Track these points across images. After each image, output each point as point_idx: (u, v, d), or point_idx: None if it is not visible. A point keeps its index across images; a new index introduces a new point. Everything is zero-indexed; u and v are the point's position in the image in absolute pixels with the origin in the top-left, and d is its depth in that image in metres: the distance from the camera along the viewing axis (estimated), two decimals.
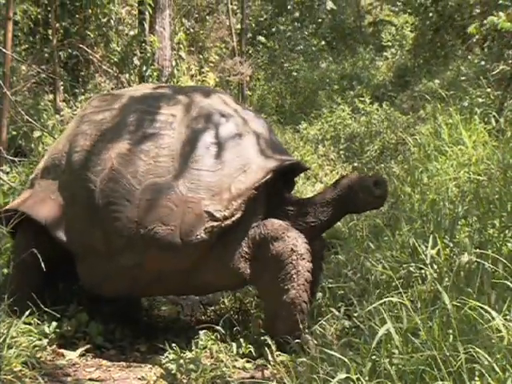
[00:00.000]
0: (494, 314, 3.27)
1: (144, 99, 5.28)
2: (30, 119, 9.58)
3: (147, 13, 12.58)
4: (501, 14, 8.74)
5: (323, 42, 21.77)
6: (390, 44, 20.37)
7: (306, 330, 4.65)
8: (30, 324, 4.76)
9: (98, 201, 4.88)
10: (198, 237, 4.76)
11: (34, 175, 5.38)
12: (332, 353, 3.78)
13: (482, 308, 3.33)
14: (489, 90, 9.67)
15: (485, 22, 9.85)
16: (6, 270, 5.59)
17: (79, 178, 5.00)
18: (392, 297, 3.90)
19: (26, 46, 13.03)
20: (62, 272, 5.47)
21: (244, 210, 4.84)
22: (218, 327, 4.89)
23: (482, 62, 10.96)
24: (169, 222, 4.75)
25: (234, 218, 4.80)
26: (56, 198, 5.07)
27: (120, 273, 4.95)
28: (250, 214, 4.91)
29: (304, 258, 4.79)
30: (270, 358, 4.60)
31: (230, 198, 4.81)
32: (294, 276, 4.74)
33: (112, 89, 12.91)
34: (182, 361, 4.42)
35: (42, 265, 4.78)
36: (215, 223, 4.77)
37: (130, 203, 4.81)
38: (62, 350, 4.84)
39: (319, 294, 5.44)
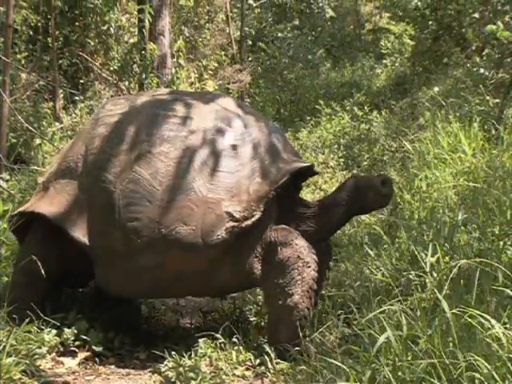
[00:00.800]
0: (493, 322, 3.27)
1: (159, 103, 5.34)
2: (30, 127, 9.60)
3: (147, 20, 12.61)
4: (499, 23, 8.78)
5: (322, 50, 21.79)
6: (389, 52, 20.41)
7: (307, 338, 4.65)
8: (29, 332, 4.76)
9: (117, 202, 4.90)
10: (219, 237, 4.80)
11: (47, 178, 5.35)
12: (332, 361, 3.78)
13: (481, 316, 3.33)
14: (488, 97, 9.69)
15: (484, 29, 9.88)
16: (6, 278, 5.59)
17: (98, 179, 5.01)
18: (392, 305, 3.90)
19: (26, 53, 13.06)
20: (66, 279, 5.49)
21: (262, 211, 4.90)
22: (218, 335, 4.88)
23: (481, 70, 10.98)
24: (190, 223, 4.80)
25: (253, 219, 4.87)
26: (73, 200, 5.06)
27: (140, 274, 4.95)
28: (267, 215, 4.98)
29: (310, 266, 4.84)
30: (269, 365, 4.61)
31: (249, 200, 4.88)
32: (299, 282, 4.79)
33: (112, 96, 12.95)
34: (181, 369, 4.41)
35: (43, 272, 4.80)
36: (235, 223, 4.83)
37: (151, 204, 4.85)
38: (61, 358, 4.82)
39: (319, 302, 5.44)
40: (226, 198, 4.86)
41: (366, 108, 14.92)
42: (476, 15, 13.36)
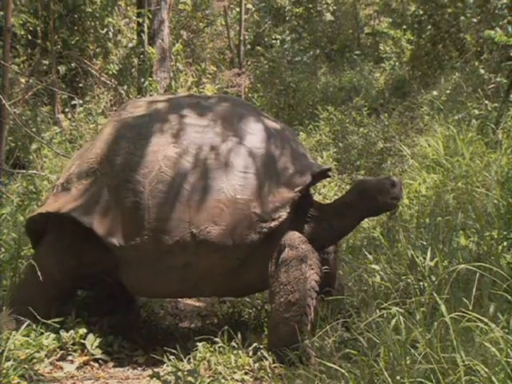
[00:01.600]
0: (492, 326, 3.28)
1: (180, 106, 5.39)
2: (29, 131, 9.60)
3: (145, 25, 12.62)
4: (497, 29, 8.82)
5: (318, 50, 21.79)
6: (388, 56, 20.41)
7: (307, 341, 4.65)
8: (27, 336, 4.75)
9: (147, 202, 4.92)
10: (248, 237, 4.88)
11: (66, 179, 5.28)
12: (330, 365, 3.78)
13: (480, 320, 3.33)
14: (486, 101, 9.71)
15: (482, 34, 9.90)
16: (5, 282, 5.59)
17: (125, 180, 5.01)
18: (390, 309, 3.90)
19: (25, 57, 13.07)
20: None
21: (288, 212, 4.96)
22: (217, 339, 4.88)
23: (482, 71, 11.01)
24: (220, 223, 4.85)
25: (280, 220, 4.93)
26: (100, 201, 5.05)
27: (169, 273, 5.00)
28: (290, 216, 5.03)
29: (313, 269, 4.88)
30: (268, 370, 4.61)
31: (275, 201, 4.96)
32: (301, 281, 4.83)
33: (110, 100, 12.97)
34: (180, 373, 4.41)
35: (41, 278, 4.84)
36: (263, 224, 4.90)
37: (181, 204, 4.88)
38: (60, 363, 4.82)
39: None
40: (253, 198, 4.93)
41: (364, 112, 14.92)
42: (474, 19, 13.38)
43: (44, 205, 5.44)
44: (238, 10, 20.18)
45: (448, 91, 12.81)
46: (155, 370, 4.72)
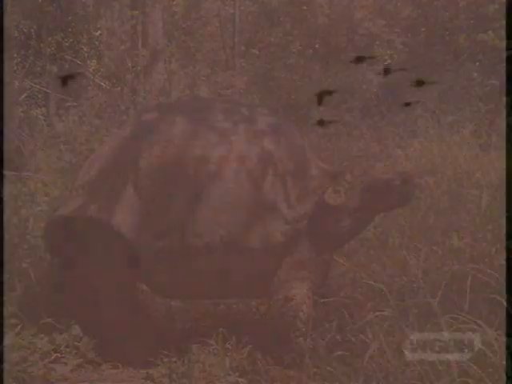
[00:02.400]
0: (486, 327, 3.29)
1: (201, 109, 5.40)
2: (23, 133, 9.59)
3: (139, 27, 12.62)
4: (490, 33, 8.86)
5: (314, 55, 21.81)
6: (382, 58, 20.43)
7: (301, 339, 4.66)
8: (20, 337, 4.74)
9: (176, 203, 4.91)
10: (276, 240, 4.89)
11: (86, 181, 5.20)
12: (324, 366, 3.79)
13: (474, 322, 3.34)
14: (480, 104, 9.74)
15: (475, 37, 9.94)
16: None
17: (154, 181, 4.99)
18: (384, 310, 3.91)
19: (19, 59, 13.05)
20: None
21: (311, 214, 4.99)
22: (211, 341, 4.88)
23: (475, 74, 11.05)
24: (249, 225, 4.86)
25: (305, 222, 4.97)
26: (125, 202, 5.01)
27: (196, 276, 5.00)
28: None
29: (313, 272, 4.94)
30: (262, 372, 4.61)
31: (299, 203, 4.98)
32: (301, 281, 4.90)
33: (105, 102, 12.96)
34: (174, 375, 4.41)
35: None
36: (289, 226, 4.91)
37: (209, 206, 4.87)
38: (53, 365, 4.81)
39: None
40: (278, 200, 4.93)
41: (358, 114, 14.93)
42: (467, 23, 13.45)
43: (65, 206, 5.36)
44: (232, 11, 20.18)
45: (442, 93, 12.85)
46: (149, 372, 4.72)
